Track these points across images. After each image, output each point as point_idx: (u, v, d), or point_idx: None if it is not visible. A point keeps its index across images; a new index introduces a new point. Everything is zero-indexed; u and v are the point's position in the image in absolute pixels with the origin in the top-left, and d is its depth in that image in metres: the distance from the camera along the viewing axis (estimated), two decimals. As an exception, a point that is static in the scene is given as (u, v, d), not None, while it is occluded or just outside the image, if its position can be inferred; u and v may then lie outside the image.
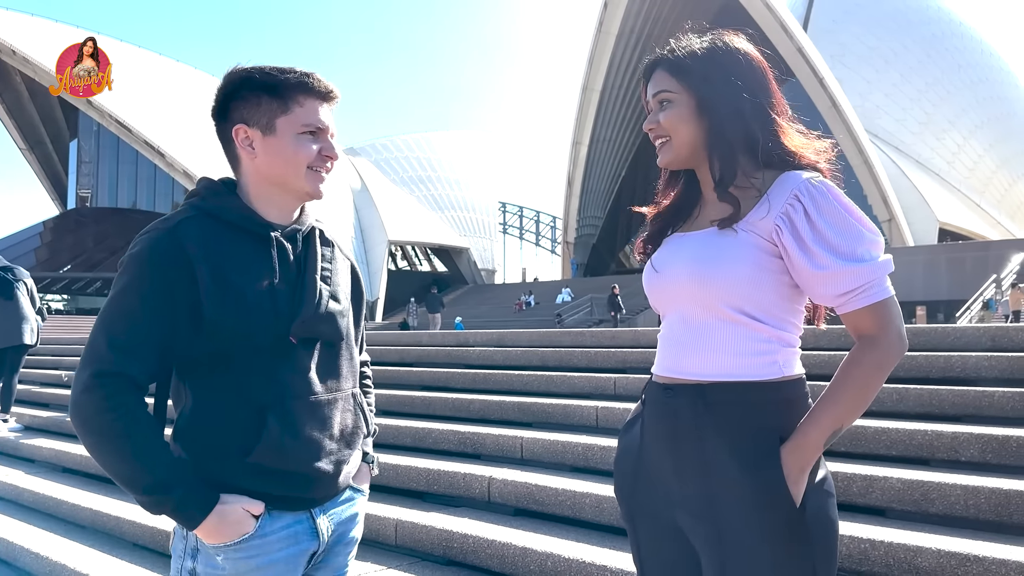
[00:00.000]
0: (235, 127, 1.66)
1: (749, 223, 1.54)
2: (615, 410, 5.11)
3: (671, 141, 1.62)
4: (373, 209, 51.18)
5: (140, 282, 1.55)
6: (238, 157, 1.69)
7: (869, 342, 1.49)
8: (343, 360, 1.74)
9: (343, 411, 1.72)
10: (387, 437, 5.63)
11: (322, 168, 1.69)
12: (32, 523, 5.24)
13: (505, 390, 6.46)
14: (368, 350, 2.11)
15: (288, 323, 1.61)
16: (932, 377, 4.82)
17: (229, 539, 1.57)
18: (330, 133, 1.70)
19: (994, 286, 25.03)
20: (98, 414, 1.51)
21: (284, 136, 1.64)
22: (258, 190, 1.69)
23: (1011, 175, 56.58)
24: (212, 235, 1.61)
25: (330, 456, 1.67)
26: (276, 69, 1.67)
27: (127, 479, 1.53)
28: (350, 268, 1.85)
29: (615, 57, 48.04)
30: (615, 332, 7.75)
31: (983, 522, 3.20)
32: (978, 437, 3.68)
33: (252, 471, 1.59)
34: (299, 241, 1.71)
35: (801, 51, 40.15)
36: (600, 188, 54.06)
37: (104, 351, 1.53)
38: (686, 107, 1.59)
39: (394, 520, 4.16)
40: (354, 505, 1.80)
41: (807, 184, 1.51)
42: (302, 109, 1.65)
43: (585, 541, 3.65)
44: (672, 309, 1.64)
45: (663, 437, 1.59)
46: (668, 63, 1.62)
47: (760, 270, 1.52)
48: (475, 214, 60.83)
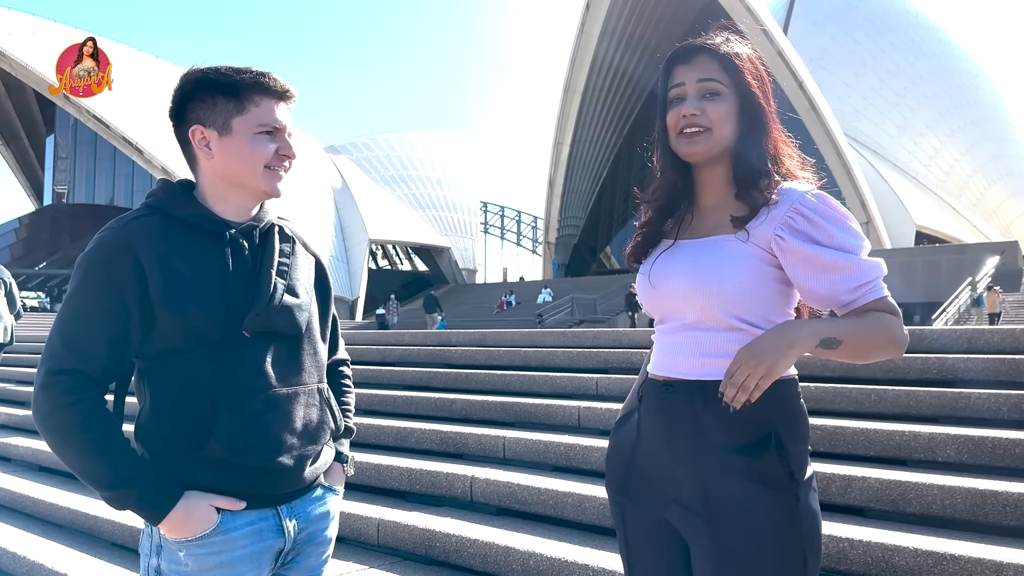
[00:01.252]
0: (191, 128, 1.66)
1: (751, 232, 1.57)
2: (597, 410, 5.14)
3: (712, 133, 1.59)
4: (354, 208, 50.98)
5: (90, 281, 1.57)
6: (195, 157, 1.69)
7: (893, 315, 1.54)
8: (304, 354, 1.73)
9: (306, 406, 1.71)
10: (369, 436, 5.62)
11: (280, 167, 1.69)
12: (9, 523, 5.17)
13: (488, 390, 6.47)
14: (349, 349, 2.11)
15: (241, 317, 1.61)
16: (910, 378, 4.89)
17: (194, 534, 1.58)
18: (287, 132, 1.70)
19: (969, 289, 25.33)
20: (55, 411, 1.53)
21: (240, 136, 1.65)
22: (215, 190, 1.69)
23: (987, 179, 57.36)
24: (164, 233, 1.62)
25: (291, 451, 1.67)
26: (232, 69, 1.66)
27: (89, 475, 1.55)
28: (314, 264, 1.85)
29: (597, 58, 48.17)
30: (597, 332, 7.78)
31: (959, 521, 3.25)
32: (955, 438, 3.73)
33: (207, 465, 1.59)
34: (256, 237, 1.71)
35: (781, 54, 40.43)
36: (582, 188, 54.21)
37: (59, 349, 1.56)
38: (732, 104, 1.60)
39: (376, 519, 4.15)
40: (325, 504, 1.79)
41: (805, 196, 1.55)
42: (258, 109, 1.65)
43: (567, 540, 3.67)
44: (670, 315, 1.66)
45: (661, 430, 1.62)
46: (719, 55, 1.60)
47: (758, 279, 1.56)
48: (457, 213, 60.80)
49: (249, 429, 1.60)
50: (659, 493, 1.62)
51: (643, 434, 1.66)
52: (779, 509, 1.51)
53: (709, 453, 1.54)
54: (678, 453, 1.58)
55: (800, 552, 1.51)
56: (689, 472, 1.57)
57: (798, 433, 1.57)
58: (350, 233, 49.87)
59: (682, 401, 1.59)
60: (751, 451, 1.52)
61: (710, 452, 1.54)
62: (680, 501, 1.58)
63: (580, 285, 38.24)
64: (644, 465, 1.65)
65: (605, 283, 36.64)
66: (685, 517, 1.58)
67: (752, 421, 1.53)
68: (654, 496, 1.63)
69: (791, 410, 1.58)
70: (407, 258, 61.76)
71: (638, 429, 1.68)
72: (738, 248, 1.56)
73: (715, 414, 1.54)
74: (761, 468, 1.51)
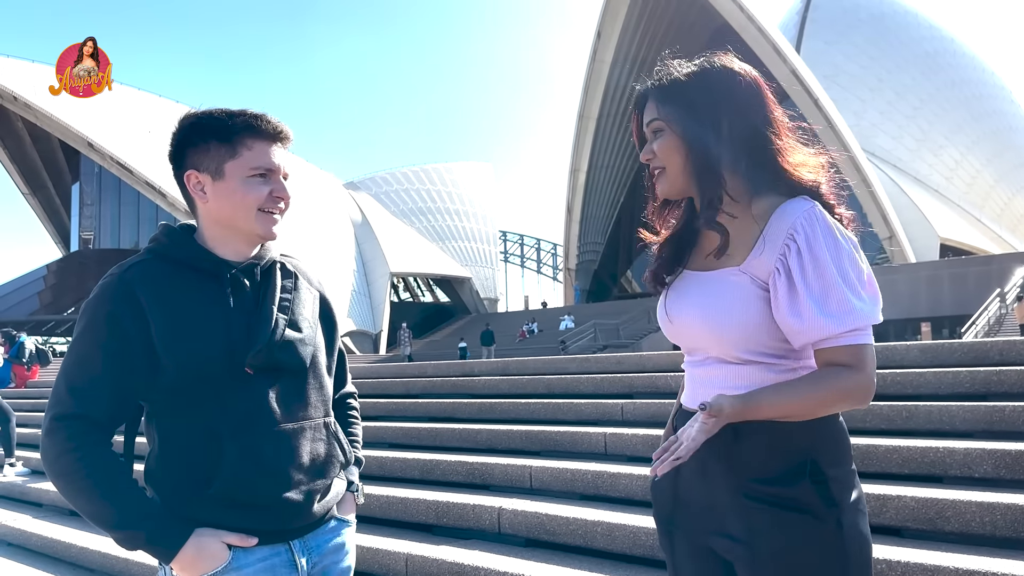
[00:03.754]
0: (187, 173, 1.68)
1: (750, 265, 1.53)
2: (623, 436, 5.08)
3: (667, 171, 1.60)
4: (374, 242, 51.36)
5: (93, 327, 1.59)
6: (193, 201, 1.71)
7: (849, 368, 1.46)
8: (310, 389, 1.73)
9: (313, 440, 1.71)
10: (395, 470, 5.60)
11: (274, 209, 1.69)
12: (41, 567, 5.20)
13: (512, 419, 6.44)
14: (373, 383, 2.10)
15: (244, 354, 1.62)
16: (941, 393, 4.80)
17: (207, 572, 1.57)
18: (282, 174, 1.71)
19: (998, 300, 24.96)
20: (61, 455, 1.54)
21: (233, 180, 1.66)
22: (213, 232, 1.71)
23: (1010, 189, 56.73)
24: (165, 276, 1.63)
25: (299, 486, 1.66)
26: (225, 113, 1.68)
27: (97, 517, 1.55)
28: (318, 298, 1.85)
29: (610, 84, 48.47)
30: (621, 357, 7.72)
31: (1000, 539, 3.17)
32: (991, 452, 3.65)
33: (216, 503, 1.59)
34: (257, 275, 1.72)
35: (795, 73, 40.45)
36: (599, 214, 54.26)
37: (63, 395, 1.57)
38: (675, 135, 1.57)
39: (404, 554, 4.12)
40: (339, 536, 1.78)
41: (801, 220, 1.48)
42: (250, 152, 1.66)
43: (598, 570, 3.61)
44: (692, 349, 1.64)
45: (696, 463, 1.57)
46: (655, 92, 1.60)
47: (765, 315, 1.51)
48: (476, 243, 61.02)
49: (256, 466, 1.60)
50: (703, 523, 1.59)
51: (680, 468, 1.62)
52: (820, 538, 1.46)
53: (745, 485, 1.51)
54: (715, 486, 1.55)
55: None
56: (728, 504, 1.53)
57: (839, 456, 1.52)
58: (371, 267, 50.18)
59: (714, 435, 1.54)
60: (785, 480, 1.48)
61: (745, 484, 1.51)
62: (723, 532, 1.55)
63: (602, 310, 38.13)
64: (686, 496, 1.62)
65: (627, 307, 36.48)
66: (729, 547, 1.54)
67: (787, 448, 1.49)
68: (698, 526, 1.60)
69: (829, 431, 1.52)
70: (428, 290, 61.95)
71: None
72: (740, 284, 1.52)
73: (748, 445, 1.51)
74: (796, 497, 1.47)
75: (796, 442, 1.49)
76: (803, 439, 1.49)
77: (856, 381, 1.46)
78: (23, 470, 8.00)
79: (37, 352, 15.15)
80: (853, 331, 1.46)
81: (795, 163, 1.56)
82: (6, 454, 8.03)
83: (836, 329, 1.45)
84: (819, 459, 1.49)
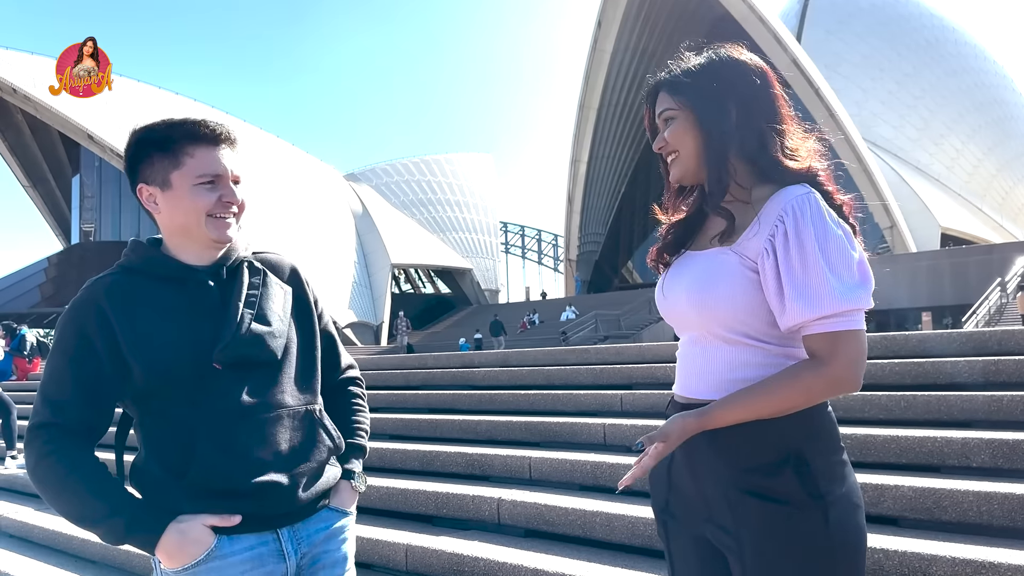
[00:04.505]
0: (138, 187, 1.71)
1: (741, 245, 1.54)
2: (622, 427, 5.09)
3: (680, 155, 1.65)
4: (375, 234, 51.31)
5: (63, 340, 1.65)
6: (150, 213, 1.73)
7: (815, 362, 1.47)
8: (285, 379, 1.74)
9: (292, 428, 1.72)
10: (395, 461, 5.61)
11: (225, 214, 1.71)
12: (43, 560, 5.22)
13: (512, 410, 6.44)
14: (374, 374, 2.11)
15: (211, 351, 1.65)
16: (940, 383, 4.80)
17: (194, 558, 1.59)
18: (231, 178, 1.71)
19: (999, 289, 24.94)
20: (39, 461, 1.59)
21: (180, 189, 1.68)
22: (173, 241, 1.74)
23: (1012, 178, 56.62)
24: (130, 287, 1.68)
25: (279, 471, 1.68)
26: (165, 123, 1.70)
27: (78, 516, 1.59)
28: (290, 293, 1.85)
29: (611, 74, 48.33)
30: (620, 348, 7.73)
31: (997, 528, 3.18)
32: (989, 442, 3.66)
33: (194, 492, 1.61)
34: (223, 275, 1.75)
35: (796, 63, 40.31)
36: (600, 205, 54.19)
37: (40, 406, 1.64)
38: (687, 121, 1.62)
39: (404, 545, 4.13)
40: (333, 525, 1.79)
41: (793, 204, 1.49)
42: (193, 160, 1.67)
43: (597, 560, 3.63)
44: (682, 331, 1.67)
45: (683, 453, 1.60)
46: (667, 84, 1.66)
47: (752, 293, 1.52)
48: (477, 235, 60.95)
49: (228, 454, 1.63)
50: (694, 512, 1.61)
51: (674, 455, 1.64)
52: (804, 530, 1.45)
53: (730, 476, 1.51)
54: (701, 476, 1.57)
55: (830, 574, 1.46)
56: (715, 495, 1.54)
57: (826, 445, 1.50)
58: (372, 259, 50.15)
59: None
60: (769, 470, 1.48)
61: (731, 475, 1.51)
62: (713, 520, 1.56)
63: (603, 301, 38.11)
64: (679, 485, 1.64)
65: (628, 298, 36.47)
66: (718, 536, 1.56)
67: (772, 439, 1.49)
68: (692, 515, 1.62)
69: (816, 422, 1.51)
70: (429, 281, 61.93)
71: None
72: (729, 262, 1.55)
73: (735, 435, 1.51)
74: (779, 488, 1.47)
75: (782, 432, 1.49)
76: (789, 429, 1.49)
77: (819, 375, 1.45)
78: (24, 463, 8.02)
79: (38, 345, 15.17)
80: (830, 317, 1.44)
81: (794, 150, 1.59)
82: (7, 447, 8.05)
83: (811, 314, 1.44)
84: (804, 449, 1.48)
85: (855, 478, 1.55)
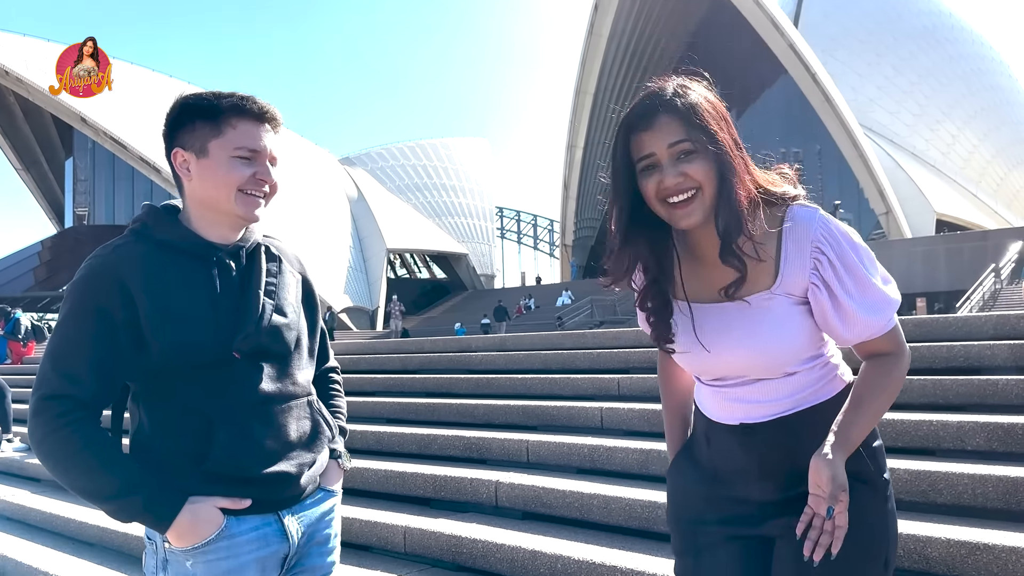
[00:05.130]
0: (173, 151, 1.69)
1: (782, 285, 1.54)
2: (619, 411, 5.11)
3: (701, 194, 1.49)
4: (371, 218, 51.17)
5: (76, 309, 1.60)
6: (180, 180, 1.71)
7: (893, 356, 1.59)
8: (294, 370, 1.77)
9: (299, 418, 1.75)
10: (393, 444, 5.63)
11: (256, 191, 1.69)
12: (40, 542, 5.23)
13: (509, 394, 6.46)
14: (372, 358, 2.12)
15: (231, 339, 1.64)
16: (936, 367, 4.82)
17: (204, 538, 1.59)
18: (268, 157, 1.70)
19: (993, 275, 25.01)
20: (49, 434, 1.56)
21: (216, 159, 1.66)
22: (197, 212, 1.71)
23: (1006, 164, 56.62)
24: (150, 258, 1.64)
25: (289, 461, 1.71)
26: (213, 94, 1.69)
27: (90, 491, 1.57)
28: (300, 282, 1.87)
29: (607, 59, 48.08)
30: (617, 333, 7.74)
31: (991, 511, 3.20)
32: (984, 426, 3.68)
33: (209, 478, 1.62)
34: (243, 258, 1.73)
35: (792, 47, 40.18)
36: (596, 190, 54.08)
37: (49, 375, 1.59)
38: (707, 159, 1.48)
39: (402, 527, 4.15)
40: (324, 505, 1.82)
41: (822, 232, 1.52)
42: (235, 132, 1.66)
43: (594, 542, 3.65)
44: (729, 376, 1.64)
45: (753, 470, 1.62)
46: (680, 112, 1.48)
47: (809, 328, 1.58)
48: (473, 220, 60.84)
49: (246, 445, 1.64)
50: (753, 515, 1.63)
51: (719, 468, 1.67)
52: (875, 508, 1.57)
53: (801, 468, 1.54)
54: (775, 482, 1.60)
55: (884, 553, 1.56)
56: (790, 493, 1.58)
57: (874, 430, 1.62)
58: (368, 243, 50.04)
59: (770, 439, 1.61)
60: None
61: (801, 467, 1.54)
62: (777, 511, 1.59)
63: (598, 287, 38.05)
64: (727, 491, 1.66)
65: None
66: (781, 524, 1.58)
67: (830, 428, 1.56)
68: (745, 518, 1.64)
69: None
70: (425, 266, 61.85)
71: (713, 465, 1.69)
72: (782, 305, 1.55)
73: (806, 440, 1.56)
74: (859, 468, 1.55)
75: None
76: None
77: (902, 366, 1.59)
78: (21, 445, 8.02)
79: (33, 328, 15.15)
80: (886, 324, 1.57)
81: (767, 180, 1.57)
82: (3, 430, 8.05)
83: (882, 325, 1.56)
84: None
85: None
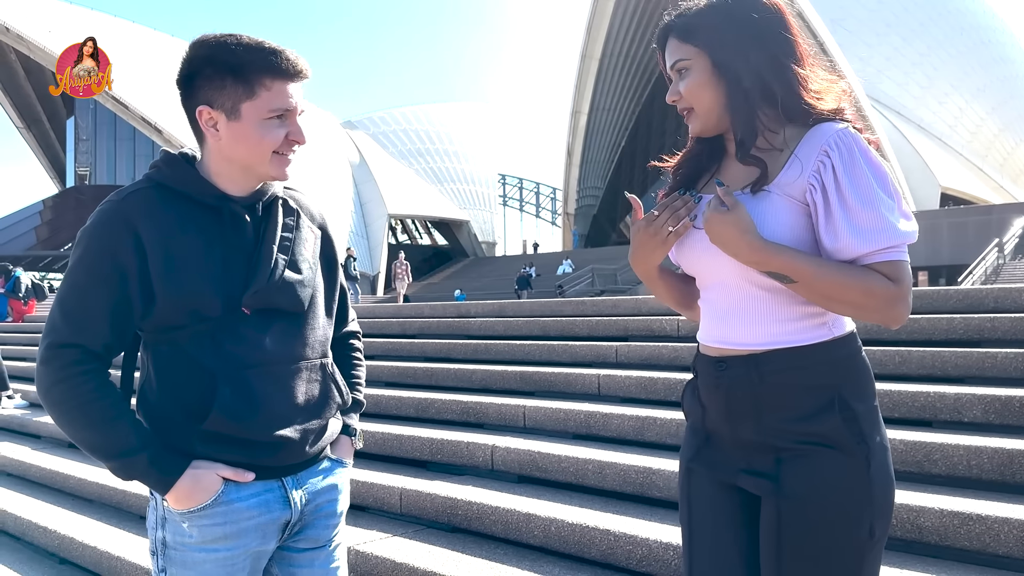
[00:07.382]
0: (199, 108, 1.61)
1: (782, 185, 1.49)
2: (617, 378, 5.12)
3: (696, 110, 1.56)
4: (372, 183, 50.96)
5: (89, 256, 1.56)
6: (203, 135, 1.65)
7: (888, 280, 1.45)
8: (307, 330, 1.71)
9: (308, 381, 1.69)
10: (391, 408, 5.65)
11: (288, 152, 1.65)
12: (40, 498, 5.28)
13: (507, 360, 6.47)
14: (371, 322, 2.10)
15: (241, 293, 1.60)
16: (935, 339, 4.82)
17: (200, 503, 1.58)
18: (299, 112, 1.64)
19: (996, 250, 24.95)
20: (56, 384, 1.53)
21: (249, 122, 1.59)
22: (219, 167, 1.66)
23: (1014, 138, 56.20)
24: (164, 207, 1.59)
25: (293, 425, 1.65)
26: (242, 46, 1.58)
27: (94, 445, 1.55)
28: (320, 237, 1.80)
29: (614, 23, 47.49)
30: (616, 301, 7.74)
31: (986, 482, 3.21)
32: (981, 398, 3.68)
33: (208, 438, 1.59)
34: (258, 211, 1.68)
35: (801, 15, 39.48)
36: (600, 158, 53.78)
37: (59, 323, 1.55)
38: (703, 71, 1.53)
39: (399, 489, 4.18)
40: (332, 477, 1.78)
41: (835, 139, 1.46)
42: (269, 93, 1.59)
43: (588, 506, 3.67)
44: (711, 279, 1.61)
45: (721, 406, 1.58)
46: (678, 28, 1.55)
47: (800, 235, 1.49)
48: (475, 186, 60.60)
49: (250, 405, 1.60)
50: (729, 463, 1.60)
51: (707, 406, 1.63)
52: (849, 475, 1.47)
53: (773, 425, 1.51)
54: (741, 428, 1.55)
55: (868, 521, 1.48)
56: (756, 445, 1.54)
57: (864, 390, 1.52)
58: (369, 208, 49.90)
59: (738, 378, 1.54)
60: (814, 418, 1.48)
61: (774, 424, 1.51)
62: (751, 470, 1.55)
63: (600, 255, 38.04)
64: (713, 435, 1.63)
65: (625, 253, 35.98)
66: (756, 483, 1.55)
67: (813, 385, 1.49)
68: (724, 464, 1.61)
69: (853, 366, 1.53)
70: (426, 232, 61.77)
71: (700, 402, 1.65)
72: (776, 203, 1.49)
73: (773, 389, 1.50)
74: (827, 434, 1.47)
75: (822, 379, 1.49)
76: (828, 375, 1.50)
77: (885, 286, 1.43)
78: (21, 403, 8.06)
79: (33, 286, 15.17)
80: (887, 249, 1.43)
81: (819, 91, 1.52)
82: (1, 387, 8.09)
83: (869, 247, 1.43)
84: (848, 395, 1.49)
85: (883, 424, 1.57)
